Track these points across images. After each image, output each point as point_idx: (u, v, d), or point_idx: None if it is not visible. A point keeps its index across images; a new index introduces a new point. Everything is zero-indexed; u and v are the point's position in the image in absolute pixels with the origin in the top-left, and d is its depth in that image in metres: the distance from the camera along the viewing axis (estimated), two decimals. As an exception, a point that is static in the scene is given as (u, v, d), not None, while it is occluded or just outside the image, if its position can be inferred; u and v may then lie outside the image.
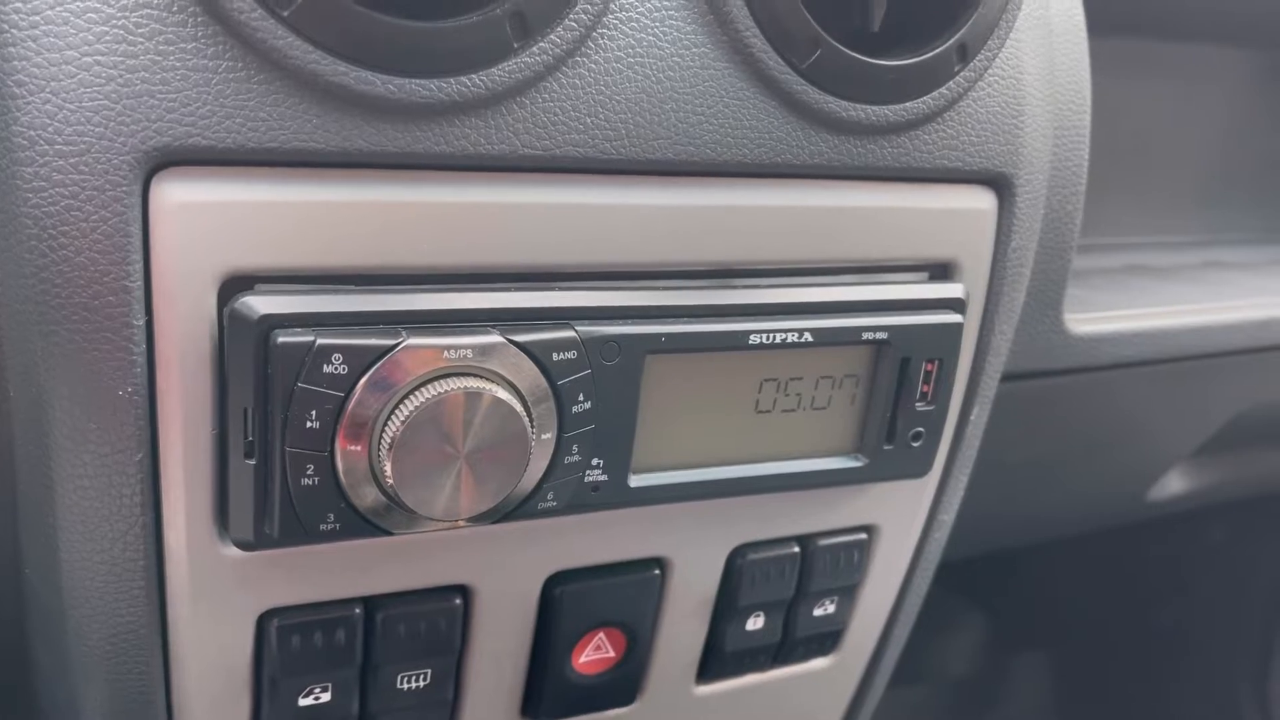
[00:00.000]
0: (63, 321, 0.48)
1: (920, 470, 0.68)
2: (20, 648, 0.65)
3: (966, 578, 1.95)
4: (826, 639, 0.78)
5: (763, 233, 0.60)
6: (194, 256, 0.49)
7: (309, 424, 0.50)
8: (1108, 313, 0.85)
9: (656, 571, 0.67)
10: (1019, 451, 0.96)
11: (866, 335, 0.62)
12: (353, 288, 0.52)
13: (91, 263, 0.48)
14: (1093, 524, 1.41)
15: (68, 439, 0.51)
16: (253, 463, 0.51)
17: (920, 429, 0.66)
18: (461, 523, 0.55)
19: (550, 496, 0.57)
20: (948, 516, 0.78)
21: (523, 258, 0.55)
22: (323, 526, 0.52)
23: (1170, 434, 1.07)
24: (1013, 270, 0.70)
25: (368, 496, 0.52)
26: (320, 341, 0.49)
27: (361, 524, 0.53)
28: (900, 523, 0.75)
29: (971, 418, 0.73)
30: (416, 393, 0.51)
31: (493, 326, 0.53)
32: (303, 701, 0.61)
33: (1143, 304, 0.90)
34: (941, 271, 0.67)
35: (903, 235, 0.64)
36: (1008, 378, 0.78)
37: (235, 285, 0.50)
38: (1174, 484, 1.27)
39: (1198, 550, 1.85)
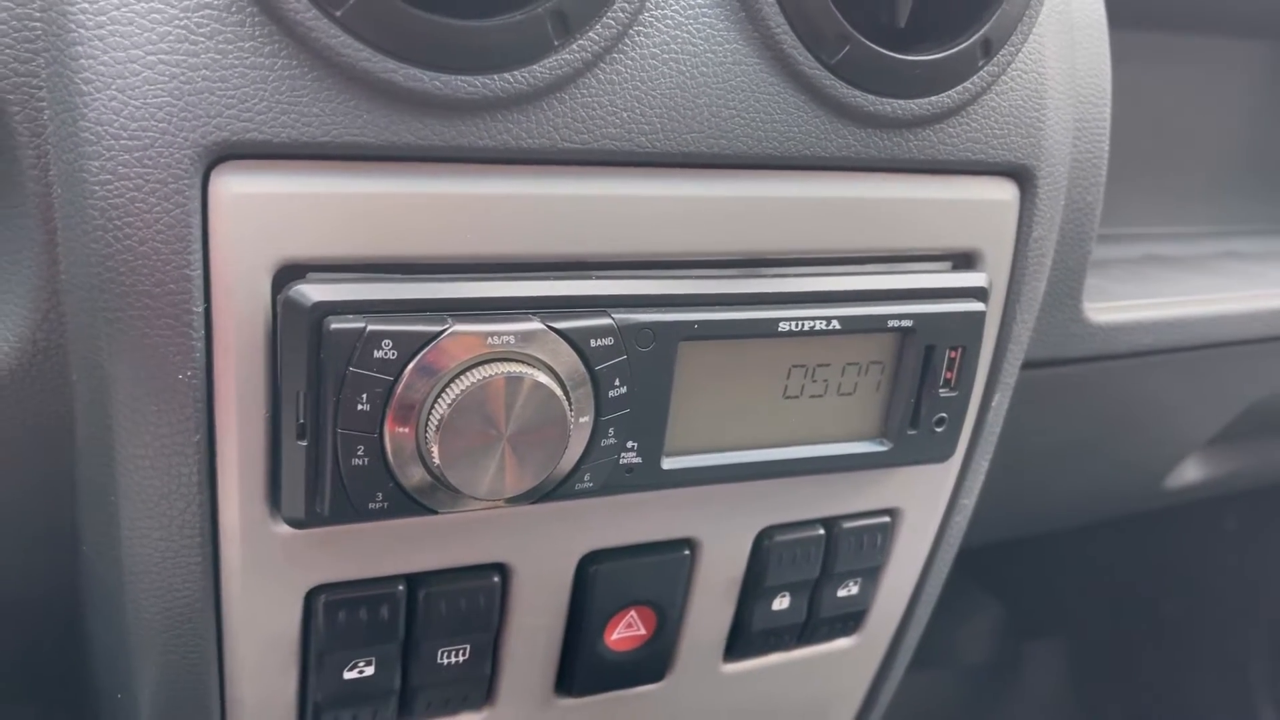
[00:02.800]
0: (126, 308, 0.51)
1: (943, 455, 0.70)
2: (76, 624, 0.67)
3: (982, 566, 1.96)
4: (850, 619, 0.80)
5: (792, 223, 0.62)
6: (250, 246, 0.51)
7: (359, 407, 0.52)
8: (1126, 302, 0.87)
9: (686, 552, 0.70)
10: (1038, 438, 0.98)
11: (892, 323, 0.64)
12: (400, 277, 0.54)
13: (154, 252, 0.50)
14: (1109, 512, 1.42)
15: (129, 420, 0.53)
16: (305, 444, 0.54)
17: (943, 415, 0.68)
18: (501, 503, 0.57)
19: (587, 478, 0.59)
20: (969, 501, 0.80)
21: (562, 247, 0.57)
22: (371, 505, 0.55)
23: (1187, 422, 1.09)
24: (1034, 260, 0.71)
25: (415, 476, 0.54)
26: (371, 328, 0.52)
27: (408, 503, 0.55)
28: (922, 507, 0.77)
29: (993, 404, 0.75)
30: (462, 377, 0.53)
31: (533, 314, 0.55)
32: (347, 675, 0.63)
33: (1161, 293, 0.92)
34: (964, 261, 0.69)
35: (927, 225, 0.66)
36: (1027, 365, 0.80)
37: (288, 274, 0.52)
38: (1190, 472, 1.28)
39: (1212, 539, 1.86)
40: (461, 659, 0.66)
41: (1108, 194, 0.80)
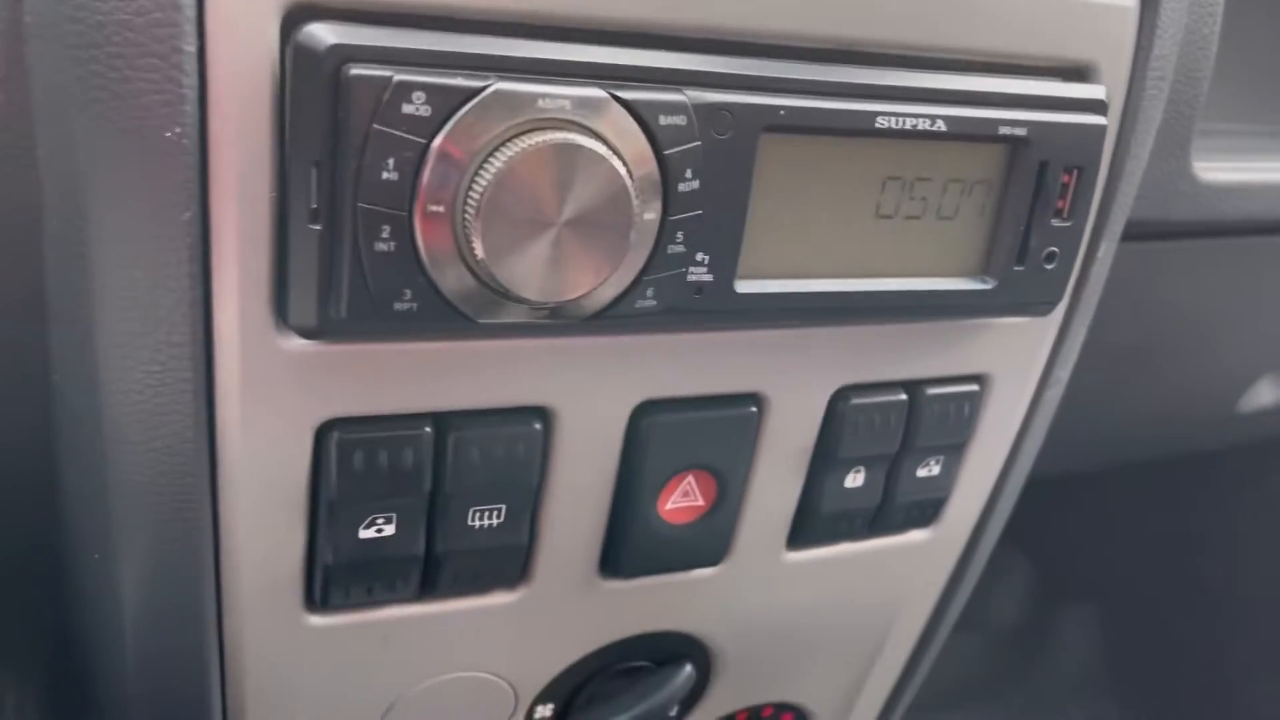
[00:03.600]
0: (101, 43, 0.41)
1: (1051, 298, 0.61)
2: (48, 478, 0.58)
3: (1014, 526, 1.88)
4: (928, 507, 0.70)
5: (893, 7, 0.53)
6: (254, -26, 0.42)
7: (385, 175, 0.43)
8: (1238, 163, 0.77)
9: (753, 409, 0.60)
10: (1123, 331, 0.89)
11: (1004, 130, 0.55)
12: (436, 31, 0.45)
13: (136, -31, 0.41)
14: (1172, 443, 1.33)
15: (105, 191, 0.44)
16: (318, 228, 0.44)
17: (1054, 249, 0.59)
18: (550, 319, 0.48)
19: (650, 294, 0.50)
20: (1064, 373, 0.71)
21: (628, 11, 0.48)
22: (397, 305, 0.45)
23: (1276, 323, 1.00)
24: (1153, 81, 0.62)
25: (450, 272, 0.45)
26: (400, 78, 0.42)
27: (442, 306, 0.46)
28: (1014, 374, 0.68)
29: (1099, 254, 0.66)
30: (508, 145, 0.44)
31: (594, 81, 0.46)
32: (363, 534, 0.54)
33: (1274, 162, 0.82)
34: (1077, 76, 0.60)
35: (1039, 28, 0.57)
36: (1129, 235, 0.71)
37: (301, 15, 0.43)
38: (1265, 393, 1.19)
39: (1253, 497, 1.77)
40: (496, 521, 0.56)
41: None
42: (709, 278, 0.51)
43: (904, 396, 0.64)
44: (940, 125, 0.53)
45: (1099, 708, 1.99)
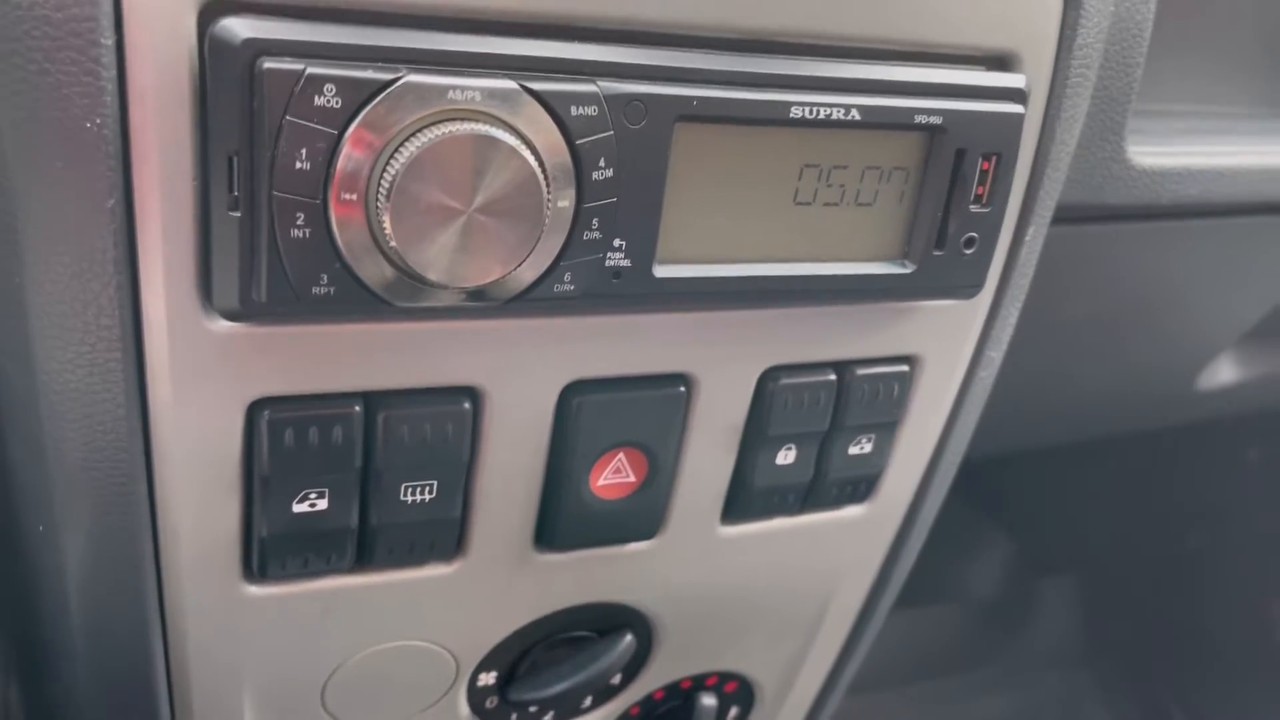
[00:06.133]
0: (21, 37, 0.43)
1: (972, 282, 0.62)
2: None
3: (992, 497, 1.90)
4: (861, 484, 0.72)
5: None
6: (169, -30, 0.43)
7: (298, 165, 0.45)
8: (1173, 147, 0.79)
9: (681, 389, 0.62)
10: (1064, 309, 0.90)
11: (919, 119, 0.56)
12: (348, 24, 0.46)
13: (53, -33, 0.42)
14: (1135, 419, 1.35)
15: (31, 180, 0.46)
16: (238, 215, 0.46)
17: (974, 234, 0.60)
18: (467, 299, 0.50)
19: (568, 278, 0.52)
20: (996, 354, 0.72)
21: (542, 4, 0.49)
22: (315, 290, 0.47)
23: (1226, 303, 1.01)
24: (1077, 71, 0.63)
25: (365, 258, 0.47)
26: (311, 70, 0.44)
27: (358, 290, 0.48)
28: (945, 355, 0.69)
29: (1026, 238, 0.67)
30: (418, 135, 0.45)
31: (505, 73, 0.47)
32: (297, 508, 0.56)
33: (1209, 146, 0.83)
34: (999, 65, 0.61)
35: (962, 18, 0.58)
36: (1063, 218, 0.72)
37: (217, 10, 0.45)
38: (1224, 372, 1.21)
39: (1231, 470, 1.79)
40: (428, 497, 0.58)
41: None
42: (627, 263, 0.53)
43: (833, 377, 0.66)
44: (855, 115, 0.55)
45: (1076, 678, 2.02)
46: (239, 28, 0.44)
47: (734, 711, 0.87)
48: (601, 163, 0.50)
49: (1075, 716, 1.98)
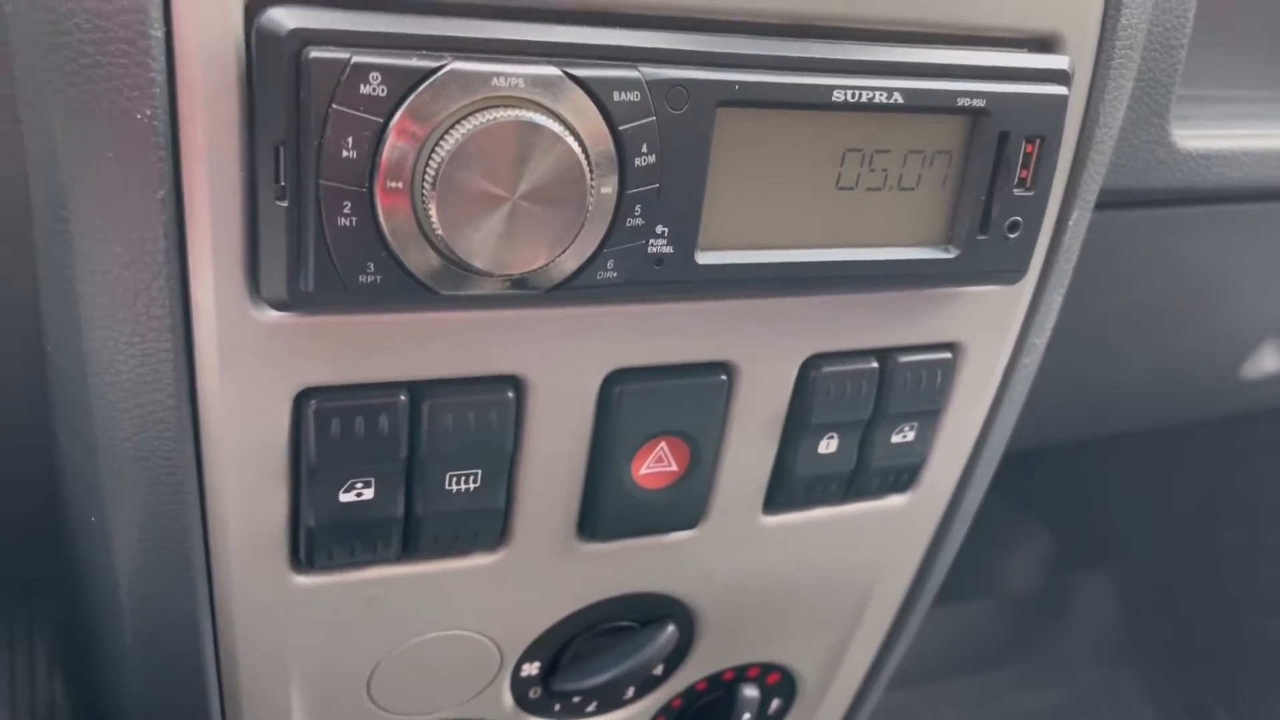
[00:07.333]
0: (73, 30, 0.44)
1: (1016, 266, 0.62)
2: (48, 449, 0.61)
3: (1030, 491, 1.88)
4: (904, 472, 0.72)
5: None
6: (216, -38, 0.44)
7: (345, 154, 0.45)
8: (1218, 130, 0.78)
9: (723, 377, 0.62)
10: (1111, 295, 0.89)
11: (962, 101, 0.56)
12: (392, 12, 0.47)
13: (102, -40, 0.43)
14: (1180, 405, 1.33)
15: (82, 171, 0.46)
16: (285, 204, 0.46)
17: (1017, 218, 0.60)
18: (511, 288, 0.50)
19: (610, 265, 0.52)
20: (1040, 340, 0.72)
21: (582, -9, 0.49)
22: (362, 278, 0.47)
23: (1273, 289, 1.00)
24: (1121, 52, 0.63)
25: (411, 246, 0.47)
26: (357, 59, 0.44)
27: (404, 278, 0.48)
28: (988, 342, 0.69)
29: (1070, 222, 0.66)
30: (463, 122, 0.46)
31: (548, 60, 0.47)
32: (344, 497, 0.56)
33: (1254, 130, 0.82)
34: (1041, 47, 0.60)
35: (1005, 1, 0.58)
36: (1107, 204, 0.71)
37: (263, 1, 0.45)
38: (1270, 361, 1.19)
39: (1271, 463, 1.76)
40: (472, 486, 0.59)
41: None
42: (669, 250, 0.53)
43: (875, 364, 0.66)
44: (897, 98, 0.54)
45: (1114, 672, 2.00)
46: (285, 18, 0.44)
47: (776, 704, 0.87)
48: (644, 149, 0.50)
49: (1116, 712, 1.96)
